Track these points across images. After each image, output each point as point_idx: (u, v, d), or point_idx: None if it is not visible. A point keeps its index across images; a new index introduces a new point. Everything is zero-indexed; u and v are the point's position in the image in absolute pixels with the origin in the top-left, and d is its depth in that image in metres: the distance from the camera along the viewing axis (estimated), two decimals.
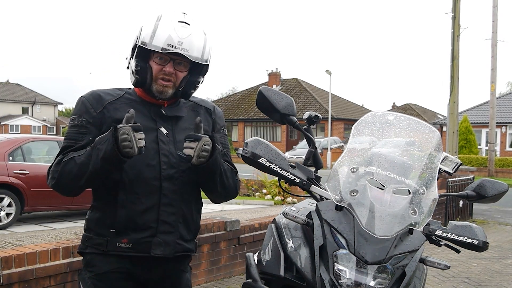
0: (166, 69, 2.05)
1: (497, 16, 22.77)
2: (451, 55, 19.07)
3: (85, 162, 1.95)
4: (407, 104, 57.31)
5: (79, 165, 1.96)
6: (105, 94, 2.12)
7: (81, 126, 2.07)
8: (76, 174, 1.97)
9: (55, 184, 2.03)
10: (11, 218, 8.42)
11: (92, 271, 2.08)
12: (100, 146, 1.90)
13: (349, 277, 1.80)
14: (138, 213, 2.03)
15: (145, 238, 2.05)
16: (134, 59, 2.07)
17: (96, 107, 2.08)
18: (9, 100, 54.72)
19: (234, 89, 66.75)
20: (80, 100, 2.12)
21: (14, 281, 3.55)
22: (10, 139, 9.02)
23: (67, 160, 2.00)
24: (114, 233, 2.04)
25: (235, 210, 10.15)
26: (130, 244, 2.04)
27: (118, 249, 2.05)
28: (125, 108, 2.03)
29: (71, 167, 1.98)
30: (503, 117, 32.05)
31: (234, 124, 42.61)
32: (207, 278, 5.27)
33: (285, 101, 2.16)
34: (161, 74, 2.06)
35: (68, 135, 2.09)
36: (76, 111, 2.10)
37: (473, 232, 2.01)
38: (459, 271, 6.27)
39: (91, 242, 2.09)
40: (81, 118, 2.07)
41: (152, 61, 2.07)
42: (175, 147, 2.09)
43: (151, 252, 2.05)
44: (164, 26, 2.02)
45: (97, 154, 1.90)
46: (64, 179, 2.00)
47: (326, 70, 29.87)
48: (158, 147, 2.07)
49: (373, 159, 1.99)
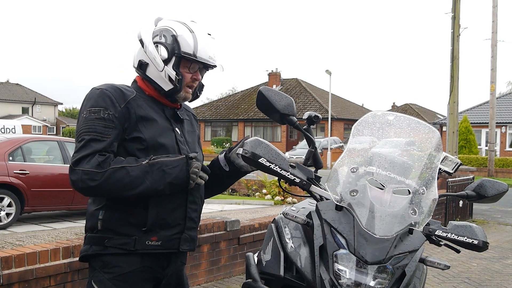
0: (197, 77, 2.19)
1: (497, 16, 22.79)
2: (451, 55, 19.08)
3: (139, 176, 1.97)
4: (407, 104, 57.31)
5: (132, 177, 1.96)
6: (125, 90, 2.11)
7: (107, 120, 2.00)
8: (126, 185, 1.96)
9: (95, 187, 1.95)
10: (11, 218, 8.42)
11: (113, 272, 2.06)
12: (169, 170, 1.99)
13: (349, 277, 1.80)
14: (168, 211, 2.10)
15: (174, 235, 2.13)
16: (172, 68, 2.12)
17: (120, 102, 2.05)
18: (9, 100, 54.72)
19: (234, 89, 66.79)
20: (103, 92, 2.04)
21: (14, 281, 3.55)
22: (10, 139, 9.02)
23: (117, 167, 1.96)
24: (143, 232, 2.06)
25: (235, 210, 10.15)
26: (160, 241, 2.09)
27: (148, 247, 2.07)
28: (145, 106, 2.13)
29: (121, 176, 1.95)
30: (503, 117, 32.05)
31: (234, 124, 42.61)
32: (207, 278, 5.27)
33: (285, 101, 2.17)
34: (190, 82, 2.18)
35: (93, 128, 1.98)
36: (99, 103, 2.01)
37: (473, 232, 2.01)
38: (459, 271, 6.27)
39: (112, 243, 2.06)
40: (108, 112, 2.01)
41: (183, 68, 2.15)
42: (188, 148, 2.22)
43: (180, 248, 2.14)
44: (202, 40, 2.15)
45: (163, 176, 1.98)
46: (110, 186, 1.95)
47: (326, 70, 29.86)
48: (178, 148, 2.16)
49: (373, 159, 1.99)
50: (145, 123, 2.08)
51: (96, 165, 1.94)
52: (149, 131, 2.08)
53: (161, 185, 1.98)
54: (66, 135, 45.16)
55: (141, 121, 2.08)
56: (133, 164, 1.98)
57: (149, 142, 2.06)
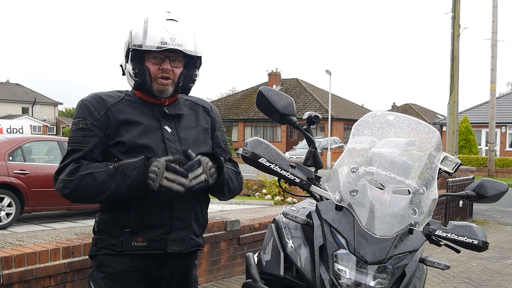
0: (163, 66, 2.08)
1: (497, 16, 22.79)
2: (451, 55, 19.08)
3: (105, 181, 1.96)
4: (407, 104, 57.30)
5: (99, 182, 1.97)
6: (106, 97, 2.13)
7: (86, 129, 2.06)
8: (94, 191, 1.98)
9: (68, 194, 2.03)
10: (11, 218, 8.42)
11: (105, 271, 2.09)
12: (129, 172, 1.94)
13: (349, 277, 1.80)
14: (152, 211, 2.07)
15: (160, 236, 2.08)
16: (130, 63, 2.10)
17: (99, 110, 2.08)
18: (9, 100, 54.69)
19: (234, 89, 66.77)
20: (83, 103, 2.11)
21: (14, 281, 3.55)
22: (10, 139, 9.02)
23: (84, 174, 1.98)
24: (129, 233, 2.06)
25: (235, 210, 10.15)
26: (146, 242, 2.07)
27: (134, 248, 2.07)
28: (129, 109, 2.11)
29: (89, 182, 1.98)
30: (503, 117, 32.05)
31: (234, 124, 42.60)
32: (207, 278, 5.27)
33: (285, 101, 2.17)
34: (159, 73, 2.09)
35: (73, 139, 2.08)
36: (79, 114, 2.09)
37: (473, 232, 2.01)
38: (459, 271, 6.27)
39: (104, 244, 2.10)
40: (86, 121, 2.07)
41: (148, 61, 2.10)
42: (181, 145, 2.14)
43: (167, 248, 2.09)
44: (154, 26, 2.06)
45: (124, 179, 1.94)
46: (79, 193, 2.01)
47: (326, 70, 29.86)
48: (165, 146, 2.11)
49: (373, 159, 1.99)
50: (127, 127, 2.08)
51: (68, 173, 2.01)
52: (129, 134, 2.07)
53: (123, 188, 1.94)
54: (66, 135, 45.12)
55: (122, 125, 2.07)
56: (101, 169, 1.99)
57: (128, 144, 2.05)
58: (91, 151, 2.05)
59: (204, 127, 2.26)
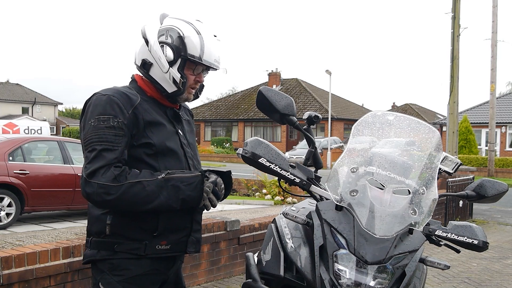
0: (200, 79, 2.17)
1: (497, 16, 22.78)
2: (451, 55, 19.07)
3: (154, 191, 1.95)
4: (407, 104, 57.29)
5: (148, 192, 1.94)
6: (131, 95, 2.05)
7: (117, 128, 1.96)
8: (141, 200, 1.94)
9: (109, 201, 1.90)
10: (11, 218, 8.42)
11: (122, 275, 2.04)
12: (183, 186, 1.97)
13: (349, 277, 1.80)
14: (177, 215, 2.09)
15: (182, 238, 2.14)
16: (178, 70, 2.09)
17: (127, 108, 2.00)
18: (9, 100, 54.67)
19: (234, 89, 66.75)
20: (111, 100, 1.98)
21: (14, 281, 3.54)
22: (10, 139, 9.02)
23: (134, 182, 1.92)
24: (154, 237, 2.06)
25: (235, 210, 10.15)
26: (169, 245, 2.10)
27: (158, 252, 2.08)
28: (152, 110, 2.09)
29: (138, 191, 1.92)
30: (503, 117, 32.05)
31: (234, 124, 42.60)
32: (207, 278, 5.27)
33: (285, 101, 2.17)
34: (193, 84, 2.16)
35: (104, 137, 1.93)
36: (107, 111, 1.96)
37: (473, 232, 2.01)
38: (459, 271, 6.27)
39: (123, 248, 2.04)
40: (117, 119, 1.96)
41: (187, 70, 2.12)
42: (190, 150, 2.22)
43: (187, 250, 2.16)
44: (208, 42, 2.10)
45: (177, 192, 1.97)
46: (124, 201, 1.92)
47: (326, 70, 29.85)
48: (184, 151, 2.16)
49: (373, 159, 1.99)
50: (152, 128, 2.05)
51: (112, 178, 1.90)
52: (157, 136, 2.05)
53: (174, 201, 1.97)
54: (66, 135, 45.18)
55: (149, 126, 2.04)
56: (149, 178, 1.95)
57: (158, 147, 2.04)
58: (123, 152, 1.96)
59: (194, 131, 2.38)
